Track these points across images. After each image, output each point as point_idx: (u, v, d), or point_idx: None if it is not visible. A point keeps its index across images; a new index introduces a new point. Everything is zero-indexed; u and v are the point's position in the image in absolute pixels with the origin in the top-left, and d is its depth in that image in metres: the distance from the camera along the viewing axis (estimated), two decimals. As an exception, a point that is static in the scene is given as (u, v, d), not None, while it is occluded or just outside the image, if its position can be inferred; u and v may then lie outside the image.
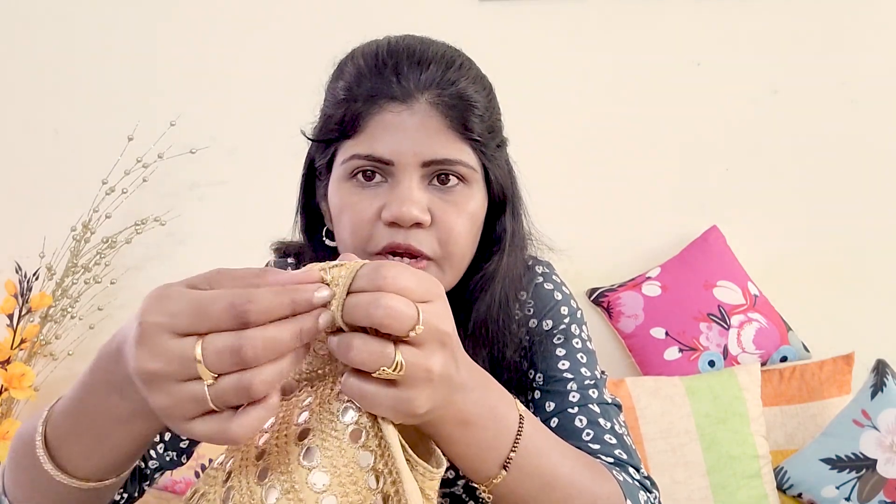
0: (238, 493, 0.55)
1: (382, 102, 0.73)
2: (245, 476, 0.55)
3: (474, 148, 0.75)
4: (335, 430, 0.55)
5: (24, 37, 1.99)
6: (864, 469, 1.60)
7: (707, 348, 1.77)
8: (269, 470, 0.55)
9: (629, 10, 1.92)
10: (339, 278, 0.52)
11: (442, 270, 0.76)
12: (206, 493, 0.57)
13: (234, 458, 0.58)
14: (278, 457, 0.55)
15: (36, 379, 1.82)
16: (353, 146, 0.74)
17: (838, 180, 1.92)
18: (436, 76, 0.74)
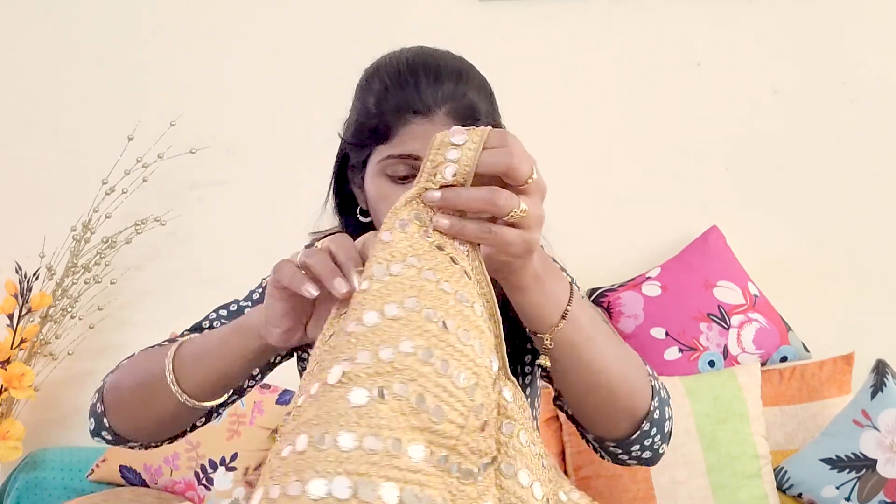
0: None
1: (408, 116, 0.89)
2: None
3: None
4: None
5: (24, 37, 1.99)
6: (864, 469, 1.60)
7: (707, 348, 1.77)
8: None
9: (629, 10, 1.92)
10: (469, 142, 0.67)
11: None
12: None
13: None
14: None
15: (36, 379, 1.82)
16: (386, 149, 0.90)
17: (838, 180, 1.92)
18: (449, 90, 0.90)
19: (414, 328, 0.62)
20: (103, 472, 1.79)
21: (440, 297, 0.64)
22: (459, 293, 0.66)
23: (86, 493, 1.76)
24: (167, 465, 1.75)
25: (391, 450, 0.57)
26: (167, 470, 1.75)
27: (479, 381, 0.62)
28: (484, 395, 0.62)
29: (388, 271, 0.66)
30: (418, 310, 0.63)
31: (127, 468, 1.77)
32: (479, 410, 0.62)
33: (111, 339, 1.97)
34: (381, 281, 0.65)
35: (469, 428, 0.61)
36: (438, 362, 0.61)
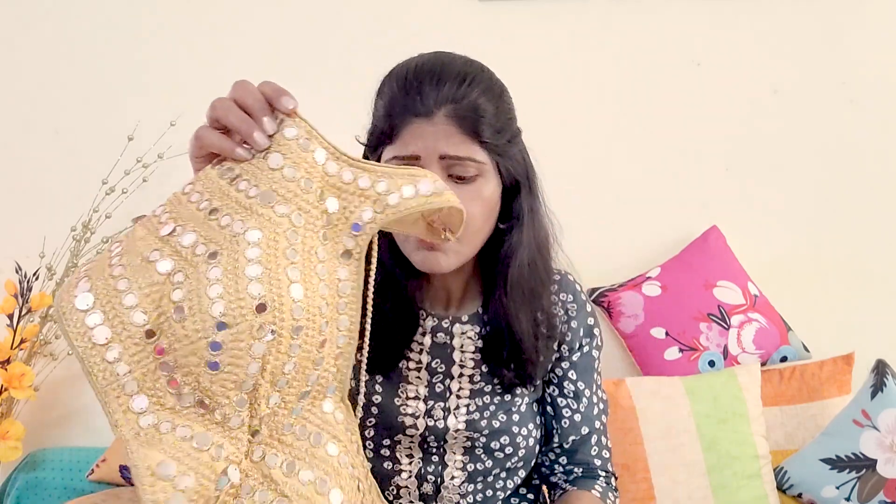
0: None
1: (410, 118, 0.95)
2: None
3: (484, 148, 0.97)
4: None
5: (24, 37, 1.99)
6: (864, 469, 1.60)
7: (707, 348, 1.77)
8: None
9: (629, 10, 1.92)
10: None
11: (460, 244, 0.97)
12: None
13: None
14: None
15: (36, 379, 1.82)
16: (392, 150, 0.98)
17: (838, 180, 1.92)
18: (451, 92, 0.95)
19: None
20: (103, 472, 1.79)
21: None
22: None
23: (86, 493, 1.76)
24: (167, 465, 1.75)
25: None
26: (167, 470, 1.75)
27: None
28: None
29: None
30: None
31: (127, 468, 1.77)
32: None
33: (111, 339, 1.97)
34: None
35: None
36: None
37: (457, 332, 1.09)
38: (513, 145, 1.02)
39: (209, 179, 0.80)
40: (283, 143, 0.77)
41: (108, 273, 0.74)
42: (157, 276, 0.73)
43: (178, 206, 0.80)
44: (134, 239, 0.78)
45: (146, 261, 0.74)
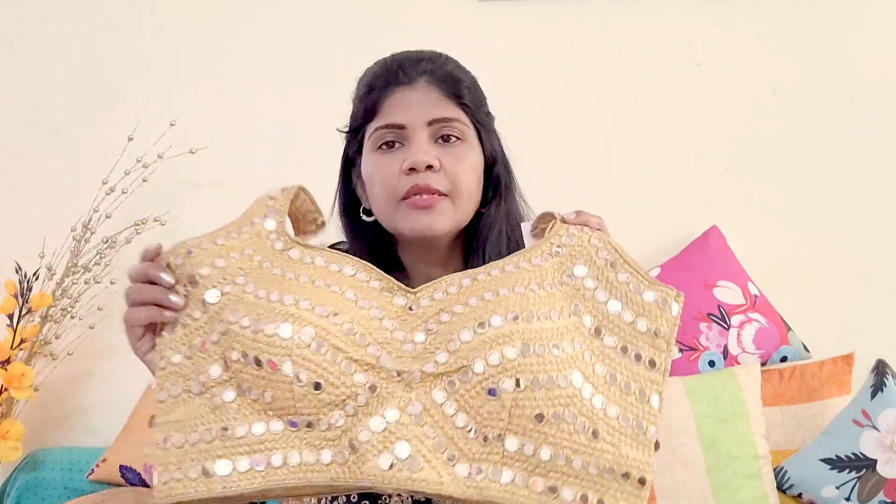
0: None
1: (392, 88, 0.98)
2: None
3: (466, 112, 0.99)
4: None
5: (24, 37, 1.99)
6: (864, 469, 1.60)
7: (707, 348, 1.77)
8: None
9: (629, 10, 1.92)
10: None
11: (454, 204, 0.97)
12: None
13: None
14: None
15: (36, 379, 1.82)
16: (375, 123, 0.98)
17: (838, 180, 1.92)
18: (429, 65, 0.99)
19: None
20: (103, 472, 1.79)
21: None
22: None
23: (86, 493, 1.76)
24: (167, 465, 1.75)
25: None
26: (167, 470, 1.75)
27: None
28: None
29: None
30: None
31: (127, 468, 1.77)
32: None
33: (111, 339, 1.97)
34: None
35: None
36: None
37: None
38: (490, 122, 1.04)
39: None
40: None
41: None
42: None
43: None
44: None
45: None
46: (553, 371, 0.75)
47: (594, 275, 0.84)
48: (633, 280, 0.83)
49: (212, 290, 0.82)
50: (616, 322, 0.82)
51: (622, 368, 0.80)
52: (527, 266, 0.83)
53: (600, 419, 0.77)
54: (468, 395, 0.76)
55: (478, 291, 0.82)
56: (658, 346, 0.81)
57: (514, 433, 0.75)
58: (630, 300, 0.82)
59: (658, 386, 0.81)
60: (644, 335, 0.81)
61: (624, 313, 0.82)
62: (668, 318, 0.82)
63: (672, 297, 0.83)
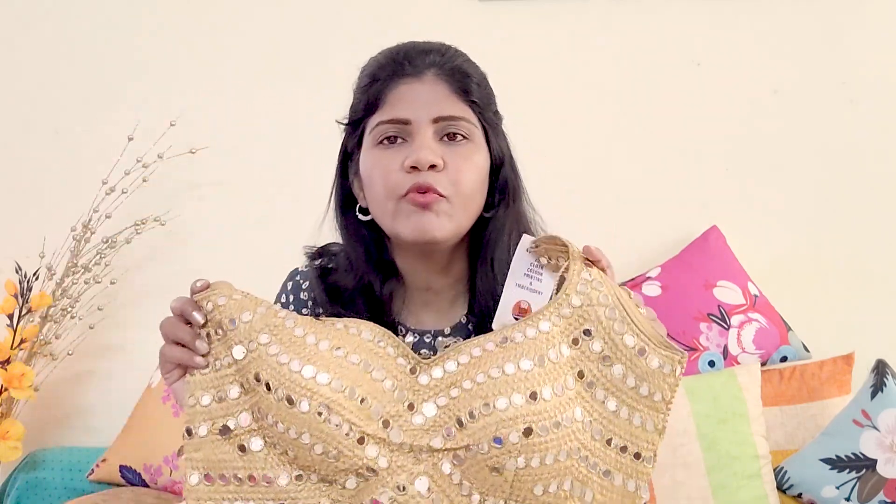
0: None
1: (398, 79, 0.94)
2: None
3: (474, 110, 0.95)
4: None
5: (24, 37, 1.99)
6: (864, 469, 1.60)
7: (707, 348, 1.77)
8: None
9: (629, 10, 1.92)
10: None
11: (454, 207, 0.93)
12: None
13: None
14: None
15: (36, 379, 1.82)
16: (377, 117, 0.94)
17: (838, 180, 1.92)
18: (437, 57, 0.95)
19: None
20: (103, 472, 1.79)
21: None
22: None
23: (86, 493, 1.76)
24: (167, 465, 1.75)
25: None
26: (167, 470, 1.75)
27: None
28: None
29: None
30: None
31: (127, 468, 1.77)
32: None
33: (111, 339, 1.97)
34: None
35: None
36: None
37: (440, 346, 1.02)
38: (499, 123, 1.01)
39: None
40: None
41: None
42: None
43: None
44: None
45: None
46: (555, 448, 0.81)
47: (601, 336, 0.86)
48: (640, 343, 0.86)
49: (238, 347, 0.86)
50: (619, 386, 0.85)
51: (620, 431, 0.85)
52: (534, 334, 0.85)
53: (595, 483, 0.83)
54: (472, 469, 0.81)
55: (486, 366, 0.84)
56: (658, 409, 0.85)
57: (515, 500, 0.81)
58: (634, 365, 0.85)
59: (653, 446, 0.85)
60: (645, 399, 0.85)
61: (627, 378, 0.85)
62: (670, 383, 0.85)
63: (676, 361, 0.86)
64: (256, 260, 1.90)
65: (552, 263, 0.92)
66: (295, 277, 1.09)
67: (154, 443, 1.75)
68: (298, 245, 1.07)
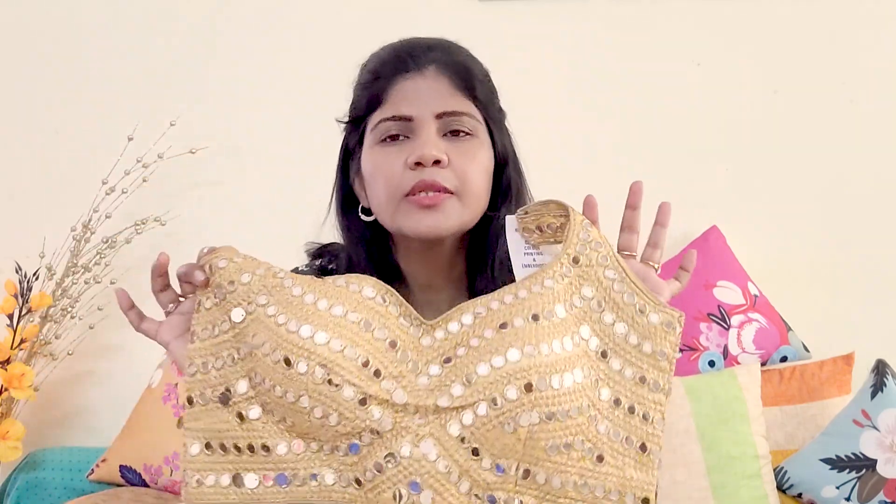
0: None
1: (400, 75, 0.92)
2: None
3: (478, 106, 0.94)
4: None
5: (24, 37, 1.99)
6: (864, 469, 1.60)
7: (707, 348, 1.77)
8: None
9: (629, 11, 1.92)
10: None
11: (462, 204, 0.92)
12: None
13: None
14: None
15: (36, 379, 1.82)
16: (379, 114, 0.92)
17: (838, 180, 1.92)
18: (440, 53, 0.94)
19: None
20: (103, 472, 1.79)
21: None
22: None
23: (86, 493, 1.76)
24: (167, 465, 1.75)
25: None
26: (167, 470, 1.75)
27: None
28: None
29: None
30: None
31: (127, 468, 1.77)
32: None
33: (111, 339, 1.97)
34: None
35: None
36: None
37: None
38: (502, 119, 0.99)
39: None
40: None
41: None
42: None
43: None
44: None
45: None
46: (566, 403, 0.78)
47: (601, 296, 0.86)
48: (639, 301, 0.86)
49: (237, 310, 0.84)
50: (622, 345, 0.84)
51: (626, 391, 0.83)
52: (539, 290, 0.84)
53: (605, 444, 0.81)
54: (483, 428, 0.78)
55: (493, 322, 0.83)
56: (662, 368, 0.84)
57: (527, 463, 0.78)
58: (636, 322, 0.85)
59: (661, 406, 0.84)
60: (649, 357, 0.84)
61: (630, 336, 0.85)
62: (671, 341, 0.85)
63: (675, 318, 0.86)
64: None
65: (547, 232, 0.91)
66: None
67: (154, 443, 1.75)
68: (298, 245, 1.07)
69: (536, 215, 0.91)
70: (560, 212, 0.91)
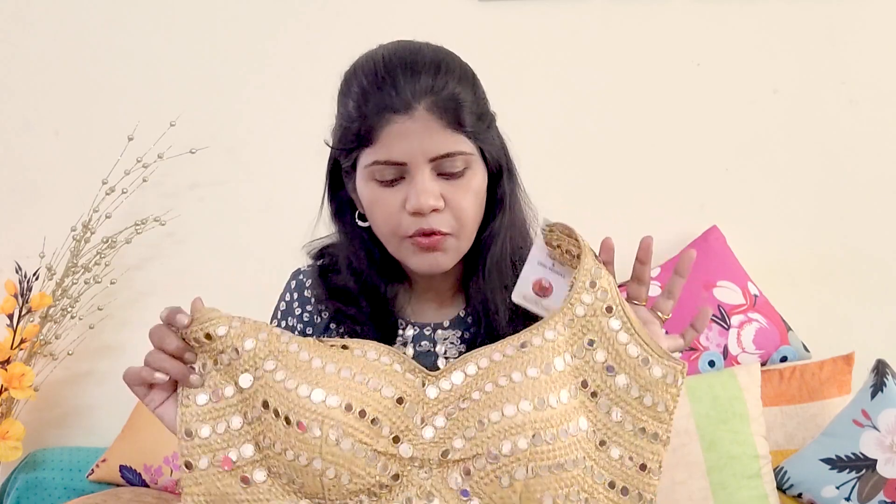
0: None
1: (388, 115, 0.89)
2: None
3: (469, 137, 0.92)
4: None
5: (24, 37, 1.99)
6: (864, 469, 1.60)
7: (707, 348, 1.77)
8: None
9: (629, 11, 1.92)
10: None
11: (458, 240, 0.94)
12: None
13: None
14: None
15: (36, 379, 1.82)
16: (371, 154, 0.91)
17: (838, 180, 1.92)
18: (428, 83, 0.89)
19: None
20: (103, 472, 1.79)
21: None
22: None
23: (86, 493, 1.76)
24: (167, 465, 1.75)
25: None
26: (167, 470, 1.75)
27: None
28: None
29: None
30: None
31: (127, 468, 1.77)
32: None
33: (111, 339, 1.97)
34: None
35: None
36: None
37: (439, 339, 1.03)
38: (491, 130, 0.98)
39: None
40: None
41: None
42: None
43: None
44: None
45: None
46: (562, 456, 0.80)
47: (605, 346, 0.86)
48: (643, 353, 0.86)
49: (244, 375, 0.85)
50: (622, 396, 0.85)
51: (625, 442, 0.85)
52: (539, 343, 0.86)
53: (601, 493, 0.83)
54: (482, 482, 0.81)
55: (494, 375, 0.85)
56: (662, 420, 0.86)
57: None
58: (638, 374, 0.85)
59: (659, 457, 0.86)
60: (649, 409, 0.85)
61: (631, 388, 0.85)
62: (672, 393, 0.85)
63: (678, 371, 0.86)
64: (256, 260, 1.90)
65: (566, 256, 0.93)
66: (298, 276, 1.09)
67: (154, 443, 1.76)
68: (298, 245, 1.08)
69: (559, 236, 0.92)
70: (577, 246, 0.91)
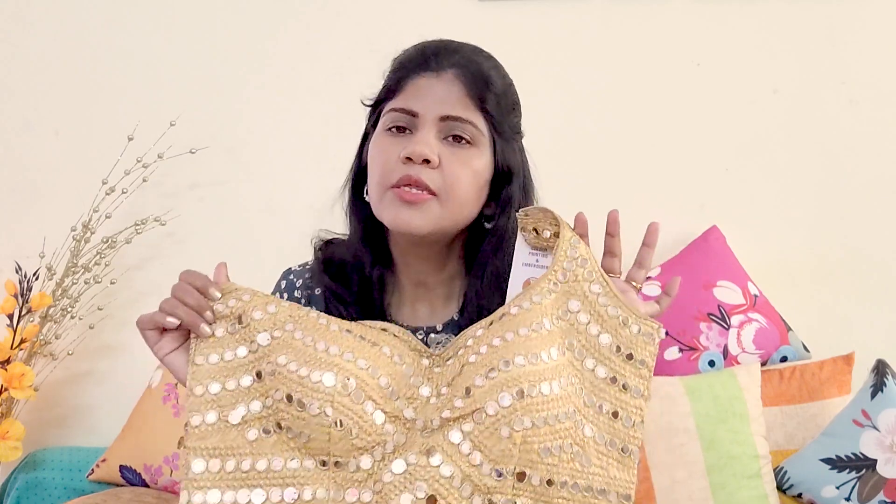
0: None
1: (419, 72, 0.95)
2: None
3: (486, 118, 0.95)
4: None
5: (24, 37, 1.99)
6: (864, 469, 1.60)
7: (707, 348, 1.77)
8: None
9: (629, 11, 1.92)
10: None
11: (442, 207, 0.94)
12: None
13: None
14: None
15: (36, 379, 1.82)
16: (391, 104, 0.96)
17: (838, 180, 1.92)
18: (463, 59, 0.95)
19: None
20: (103, 472, 1.79)
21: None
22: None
23: (86, 493, 1.76)
24: (167, 465, 1.75)
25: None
26: (167, 470, 1.75)
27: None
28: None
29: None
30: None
31: (127, 468, 1.77)
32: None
33: (111, 339, 1.97)
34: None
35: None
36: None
37: (432, 343, 1.03)
38: (514, 136, 1.01)
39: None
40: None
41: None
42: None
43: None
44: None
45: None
46: (555, 408, 0.84)
47: (587, 309, 0.92)
48: (622, 313, 0.92)
49: (263, 333, 0.89)
50: (606, 354, 0.90)
51: (610, 398, 0.90)
52: (528, 306, 0.90)
53: (591, 446, 0.86)
54: (482, 435, 0.83)
55: (488, 339, 0.89)
56: (642, 375, 0.91)
57: (523, 466, 0.83)
58: (619, 333, 0.91)
59: (641, 411, 0.90)
60: (630, 365, 0.90)
61: (613, 345, 0.91)
62: (650, 351, 0.92)
63: (655, 330, 0.93)
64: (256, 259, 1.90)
65: (542, 237, 0.96)
66: (288, 276, 1.10)
67: (154, 443, 1.75)
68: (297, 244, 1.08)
69: (535, 219, 0.95)
70: (554, 223, 0.94)
